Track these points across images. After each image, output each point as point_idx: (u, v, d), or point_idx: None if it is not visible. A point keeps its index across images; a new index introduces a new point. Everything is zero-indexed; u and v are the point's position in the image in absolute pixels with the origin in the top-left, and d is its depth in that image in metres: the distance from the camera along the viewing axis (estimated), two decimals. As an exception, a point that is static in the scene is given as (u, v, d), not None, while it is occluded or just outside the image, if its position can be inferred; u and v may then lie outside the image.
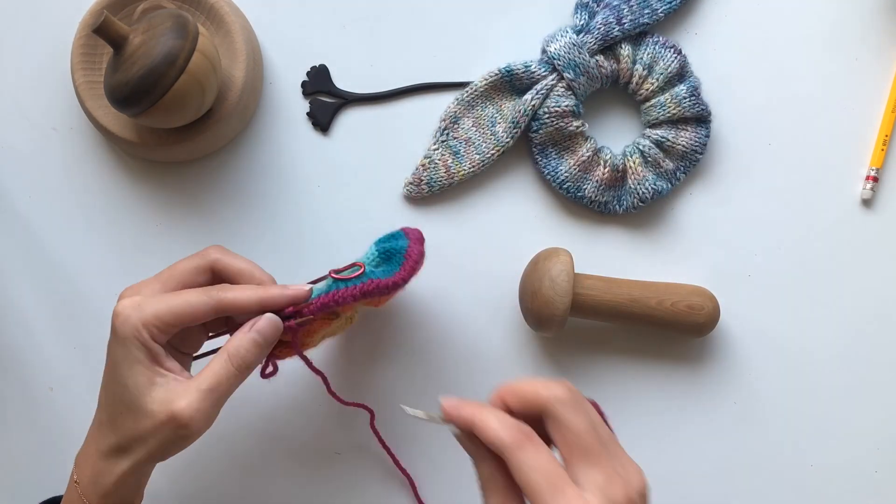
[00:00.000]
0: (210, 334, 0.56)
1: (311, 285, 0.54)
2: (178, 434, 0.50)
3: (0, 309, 0.66)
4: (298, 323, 0.53)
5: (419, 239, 0.59)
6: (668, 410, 0.65)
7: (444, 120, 0.65)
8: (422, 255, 0.57)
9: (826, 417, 0.65)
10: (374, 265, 0.57)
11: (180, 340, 0.54)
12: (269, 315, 0.52)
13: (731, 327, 0.65)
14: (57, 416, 0.65)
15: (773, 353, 0.65)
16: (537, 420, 0.43)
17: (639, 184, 0.63)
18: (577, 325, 0.64)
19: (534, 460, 0.41)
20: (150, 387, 0.50)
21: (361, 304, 0.55)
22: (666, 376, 0.65)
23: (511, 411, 0.44)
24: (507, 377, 0.65)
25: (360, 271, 0.54)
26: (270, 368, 0.55)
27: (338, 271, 0.55)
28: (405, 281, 0.54)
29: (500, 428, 0.42)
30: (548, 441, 0.44)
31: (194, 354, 0.56)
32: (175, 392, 0.50)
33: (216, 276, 0.54)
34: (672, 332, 0.63)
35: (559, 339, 0.64)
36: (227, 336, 0.54)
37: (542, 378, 0.47)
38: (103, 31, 0.55)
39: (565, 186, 0.64)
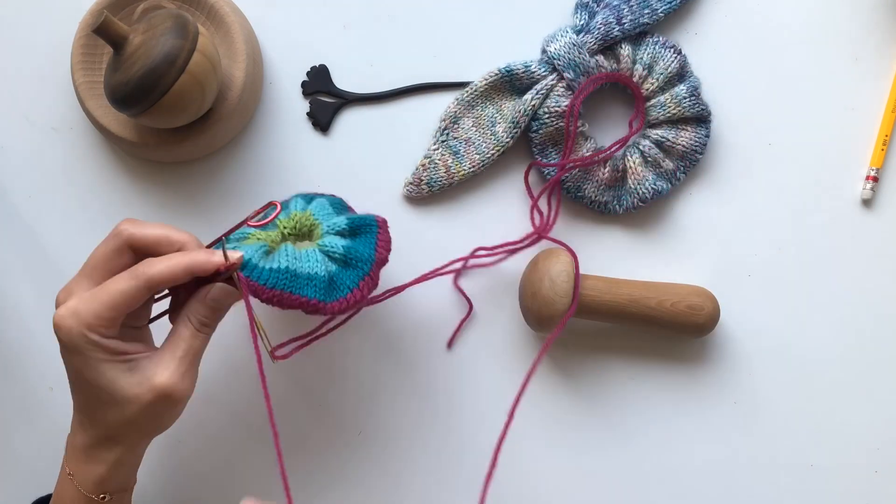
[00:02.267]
0: (156, 297, 0.55)
1: (238, 252, 0.52)
2: (167, 406, 0.51)
3: (0, 309, 0.66)
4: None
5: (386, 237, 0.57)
6: (667, 410, 0.65)
7: (444, 120, 0.65)
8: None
9: (826, 417, 0.65)
10: (332, 231, 0.55)
11: (128, 318, 0.52)
12: (221, 286, 0.52)
13: (731, 327, 0.65)
14: (57, 416, 0.65)
15: (773, 353, 0.65)
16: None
17: (639, 184, 0.63)
18: (577, 325, 0.64)
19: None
20: (124, 374, 0.50)
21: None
22: (666, 376, 0.65)
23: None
24: (507, 377, 0.65)
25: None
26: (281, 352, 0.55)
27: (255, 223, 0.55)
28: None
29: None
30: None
31: (148, 320, 0.55)
32: (150, 368, 0.51)
33: (136, 251, 0.52)
34: (672, 332, 0.63)
35: (559, 339, 0.64)
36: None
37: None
38: (103, 31, 0.55)
39: (565, 186, 0.64)
